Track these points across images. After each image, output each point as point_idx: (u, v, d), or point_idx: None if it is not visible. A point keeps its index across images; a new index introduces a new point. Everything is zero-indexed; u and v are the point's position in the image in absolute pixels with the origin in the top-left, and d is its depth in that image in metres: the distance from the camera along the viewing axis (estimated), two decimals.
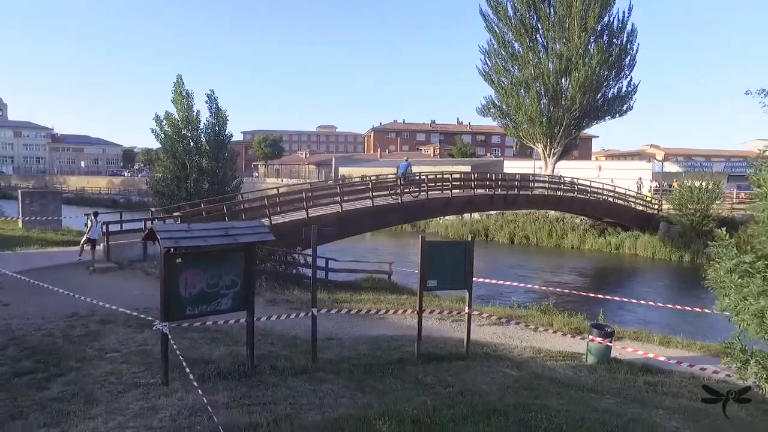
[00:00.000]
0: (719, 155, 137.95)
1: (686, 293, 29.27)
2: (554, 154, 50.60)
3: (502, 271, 33.50)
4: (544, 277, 33.56)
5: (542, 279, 32.06)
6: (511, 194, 29.00)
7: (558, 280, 31.59)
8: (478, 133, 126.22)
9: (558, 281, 31.18)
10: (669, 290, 30.56)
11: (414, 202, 24.02)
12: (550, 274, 33.64)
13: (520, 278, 31.49)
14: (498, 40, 48.71)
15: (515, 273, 32.89)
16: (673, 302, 26.45)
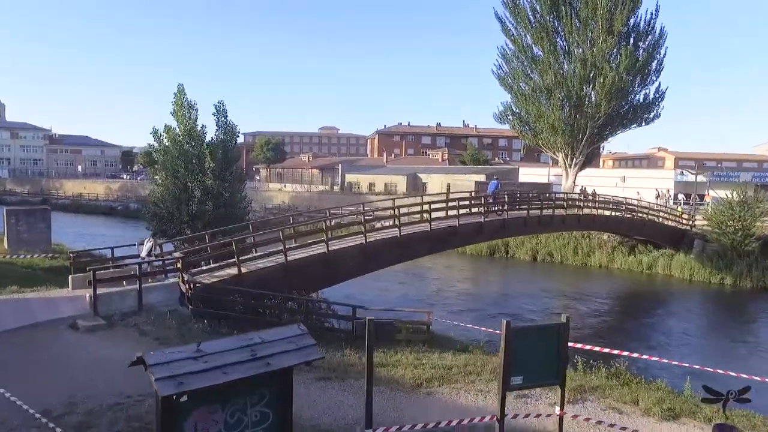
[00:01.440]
0: (731, 159, 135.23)
1: (739, 328, 26.47)
2: (576, 164, 47.86)
3: (521, 296, 30.99)
4: (568, 304, 30.78)
5: (566, 307, 29.33)
6: (545, 216, 26.35)
7: (586, 309, 29.00)
8: (484, 136, 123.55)
9: (586, 311, 28.64)
10: (719, 326, 27.58)
11: (447, 229, 21.39)
12: (575, 301, 30.91)
13: (542, 307, 29.03)
14: (516, 44, 45.95)
15: (536, 299, 30.38)
16: (729, 342, 23.72)
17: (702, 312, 29.89)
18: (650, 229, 36.35)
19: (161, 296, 14.13)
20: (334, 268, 17.77)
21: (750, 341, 23.85)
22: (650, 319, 27.38)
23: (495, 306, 27.77)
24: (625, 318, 27.63)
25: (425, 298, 27.76)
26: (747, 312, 30.11)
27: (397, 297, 26.93)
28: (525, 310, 27.81)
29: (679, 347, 21.76)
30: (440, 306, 26.65)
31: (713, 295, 33.45)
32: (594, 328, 25.00)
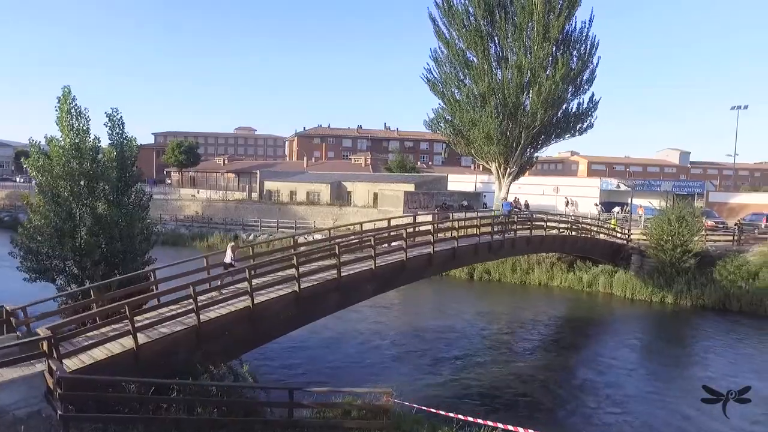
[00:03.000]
0: (638, 163, 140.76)
1: (679, 360, 24.74)
2: (510, 174, 46.05)
3: (455, 321, 28.50)
4: (503, 326, 28.79)
5: (500, 335, 27.27)
6: (496, 241, 23.72)
7: (519, 338, 26.94)
8: (406, 140, 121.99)
9: (519, 341, 26.59)
10: (659, 353, 25.97)
11: (394, 265, 18.14)
12: (511, 327, 28.86)
13: (476, 335, 26.71)
14: (449, 48, 43.54)
15: (471, 326, 28.02)
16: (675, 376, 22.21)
17: (640, 339, 28.18)
18: (592, 246, 34.76)
19: (17, 394, 9.99)
20: (261, 325, 14.10)
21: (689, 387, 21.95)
22: (584, 352, 25.51)
23: (428, 337, 25.19)
24: (558, 351, 25.45)
25: (348, 332, 24.59)
26: (686, 339, 28.79)
27: (326, 340, 23.51)
28: (458, 338, 25.56)
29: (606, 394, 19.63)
30: (371, 342, 23.63)
31: (654, 317, 32.20)
32: (522, 362, 22.79)
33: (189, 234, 54.41)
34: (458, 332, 26.57)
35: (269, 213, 55.19)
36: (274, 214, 54.67)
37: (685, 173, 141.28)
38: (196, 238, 52.84)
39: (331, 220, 51.83)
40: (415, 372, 20.27)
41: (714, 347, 26.23)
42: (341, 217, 52.17)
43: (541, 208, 56.56)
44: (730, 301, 32.64)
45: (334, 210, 53.37)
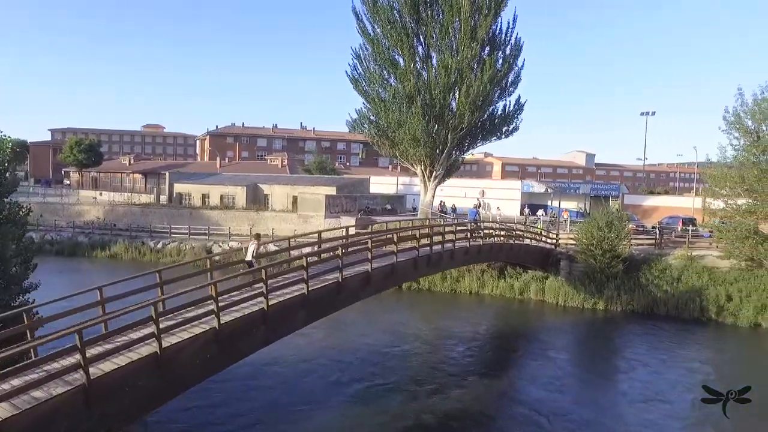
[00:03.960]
0: (548, 165, 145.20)
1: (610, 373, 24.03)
2: (436, 177, 44.72)
3: (379, 335, 26.69)
4: (433, 341, 27.18)
5: (427, 348, 25.77)
6: (435, 253, 21.84)
7: (445, 353, 25.53)
8: (323, 139, 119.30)
9: (445, 355, 25.19)
10: (591, 364, 25.31)
11: (329, 287, 15.73)
12: (440, 339, 27.44)
13: (403, 350, 25.06)
14: (374, 45, 41.55)
15: (399, 340, 26.37)
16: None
17: (573, 350, 27.55)
18: (525, 253, 33.76)
19: None
20: (172, 374, 11.35)
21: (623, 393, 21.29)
22: (516, 367, 24.47)
23: (354, 361, 23.06)
24: (489, 367, 24.16)
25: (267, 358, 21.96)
26: (617, 347, 28.30)
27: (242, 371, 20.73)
28: (386, 359, 23.66)
29: None
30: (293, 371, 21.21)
31: (586, 325, 31.59)
32: (454, 382, 21.31)
33: (88, 242, 49.25)
34: (386, 352, 24.48)
35: (179, 218, 51.02)
36: (185, 219, 50.60)
37: (590, 174, 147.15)
38: (96, 247, 47.86)
39: (248, 225, 48.58)
40: (341, 406, 18.26)
41: (642, 353, 25.99)
42: (258, 222, 49.00)
43: (465, 211, 55.84)
44: (657, 306, 32.74)
45: (251, 215, 50.08)
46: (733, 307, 31.71)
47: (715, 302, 32.02)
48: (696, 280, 33.60)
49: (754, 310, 31.36)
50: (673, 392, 21.26)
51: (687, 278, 33.85)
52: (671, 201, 56.68)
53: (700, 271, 34.21)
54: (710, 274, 33.93)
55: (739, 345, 29.76)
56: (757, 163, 32.44)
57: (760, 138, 32.61)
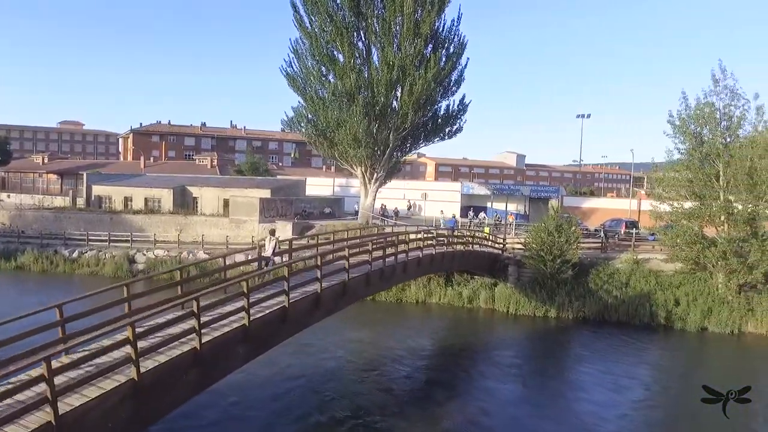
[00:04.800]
0: (480, 165, 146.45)
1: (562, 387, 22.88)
2: (377, 179, 42.73)
3: (319, 353, 24.25)
4: (378, 357, 25.12)
5: (374, 364, 23.83)
6: (389, 266, 19.69)
7: (397, 367, 23.58)
8: (254, 139, 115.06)
9: (397, 372, 23.20)
10: (543, 377, 23.99)
11: (273, 314, 13.27)
12: (385, 354, 25.36)
13: (344, 370, 23.03)
14: (312, 40, 39.05)
15: (335, 358, 24.22)
16: None
17: (523, 362, 26.05)
18: (474, 259, 32.18)
19: None
20: (150, 403, 8.82)
21: None
22: (466, 385, 22.55)
23: (285, 384, 20.53)
24: (433, 384, 22.51)
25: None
26: (569, 357, 27.38)
27: None
28: (326, 381, 21.50)
29: None
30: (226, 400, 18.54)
31: (538, 333, 30.46)
32: (391, 405, 19.48)
33: None
34: (325, 376, 22.08)
35: (98, 224, 46.54)
36: (105, 225, 46.21)
37: (521, 175, 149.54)
38: (0, 258, 42.86)
39: (175, 231, 44.97)
40: None
41: (595, 363, 25.31)
42: (187, 227, 45.48)
43: (404, 214, 54.13)
44: (608, 312, 32.06)
45: (179, 219, 46.41)
46: (681, 312, 31.50)
47: (663, 307, 31.74)
48: (644, 284, 33.21)
49: (701, 314, 31.25)
50: (626, 401, 20.82)
51: (635, 283, 33.44)
52: (609, 203, 57.12)
53: (647, 275, 33.94)
54: (657, 279, 33.69)
55: (687, 350, 29.62)
56: (701, 167, 32.22)
57: (704, 143, 32.41)
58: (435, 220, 45.87)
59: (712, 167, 32.13)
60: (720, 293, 32.11)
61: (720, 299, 31.85)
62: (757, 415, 19.17)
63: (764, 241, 30.65)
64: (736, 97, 31.94)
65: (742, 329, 31.17)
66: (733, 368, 26.64)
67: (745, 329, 31.27)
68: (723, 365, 27.22)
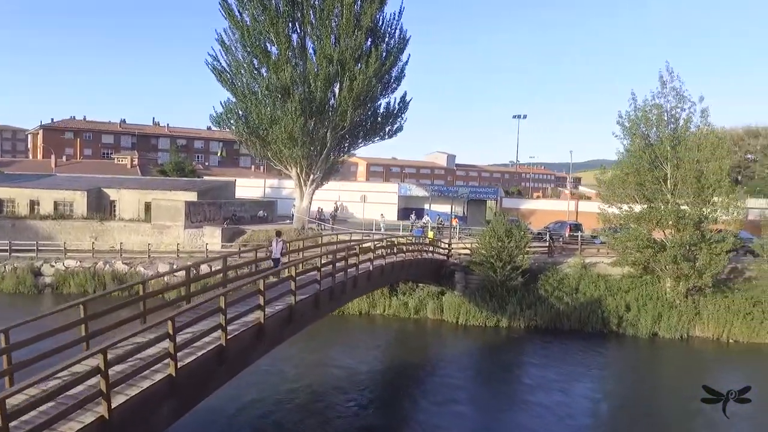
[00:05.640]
0: (412, 165, 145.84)
1: None
2: (314, 180, 40.04)
3: (250, 374, 21.43)
4: (315, 377, 22.82)
5: (307, 386, 21.48)
6: (338, 284, 17.18)
7: (332, 394, 21.26)
8: (178, 137, 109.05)
9: (334, 396, 21.01)
10: (493, 396, 22.43)
11: (207, 356, 10.49)
12: (322, 374, 23.16)
13: (276, 394, 20.52)
14: (243, 31, 35.88)
15: (267, 379, 21.52)
16: None
17: (475, 377, 24.76)
18: (422, 267, 30.08)
19: None
20: None
21: None
22: (411, 406, 20.96)
23: (218, 413, 17.99)
24: (378, 406, 20.73)
25: None
26: (520, 371, 25.85)
27: None
28: (262, 404, 19.32)
29: None
30: None
31: (489, 345, 28.83)
32: None
33: None
34: (263, 402, 19.61)
35: None
36: (6, 232, 40.98)
37: (451, 175, 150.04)
38: None
39: (90, 238, 40.58)
40: None
41: (549, 374, 24.34)
42: (103, 234, 41.18)
43: (341, 217, 51.64)
44: (560, 320, 31.00)
45: (94, 225, 41.94)
46: (632, 317, 30.87)
47: (615, 313, 30.99)
48: (594, 290, 32.34)
49: (651, 319, 30.75)
50: (580, 415, 20.40)
51: (585, 288, 32.55)
52: (548, 204, 56.71)
53: (596, 280, 33.15)
54: (606, 283, 32.95)
55: (639, 357, 29.05)
56: (651, 169, 31.54)
57: (653, 145, 31.76)
58: (375, 223, 43.66)
59: (660, 170, 31.50)
60: (668, 297, 31.64)
61: (669, 304, 31.42)
62: None
63: (712, 244, 30.31)
64: (682, 100, 31.52)
65: (690, 333, 30.97)
66: (683, 374, 26.29)
67: (693, 333, 31.06)
68: (672, 371, 26.73)
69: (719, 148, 30.74)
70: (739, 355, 29.50)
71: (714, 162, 30.21)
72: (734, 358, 29.32)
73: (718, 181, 30.09)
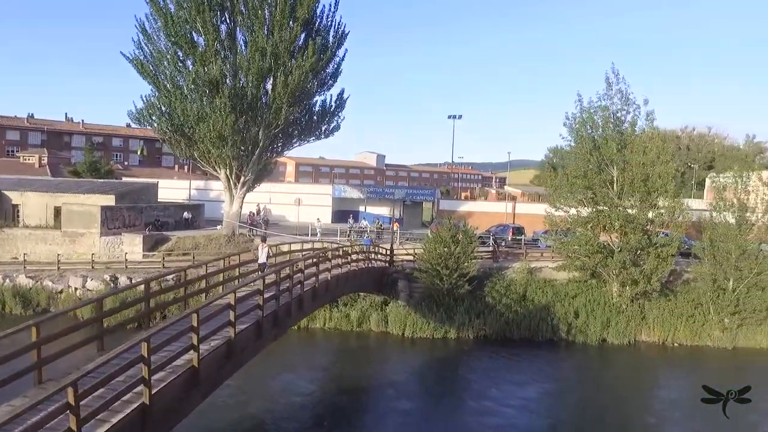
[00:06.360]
0: (341, 165, 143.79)
1: None
2: (245, 183, 37.20)
3: None
4: (248, 399, 20.60)
5: (222, 412, 18.97)
6: (283, 306, 14.82)
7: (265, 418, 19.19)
8: (94, 134, 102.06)
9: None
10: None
11: (128, 420, 8.02)
12: (254, 396, 20.99)
13: None
14: (166, 18, 32.61)
15: None
16: None
17: (423, 395, 23.16)
18: (366, 276, 27.92)
19: None
20: None
21: None
22: None
23: None
24: None
25: None
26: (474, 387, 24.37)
27: None
28: None
29: None
30: None
31: (438, 360, 27.37)
32: None
33: None
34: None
35: None
36: None
37: (381, 175, 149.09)
38: None
39: None
40: None
41: (501, 387, 23.72)
42: (4, 243, 36.61)
43: (273, 221, 48.85)
44: (510, 329, 29.89)
45: None
46: (581, 324, 30.29)
47: (564, 320, 30.30)
48: (541, 296, 31.50)
49: (600, 325, 30.25)
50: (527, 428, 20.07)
51: (532, 294, 31.68)
52: (487, 206, 55.89)
53: (543, 286, 32.37)
54: (553, 289, 32.20)
55: (589, 365, 28.51)
56: (598, 173, 30.89)
57: (599, 147, 31.09)
58: (311, 227, 41.20)
59: (607, 173, 30.87)
60: (615, 302, 31.14)
61: (616, 309, 30.97)
62: None
63: (658, 248, 29.96)
64: (628, 102, 31.03)
65: (637, 339, 30.72)
66: (630, 383, 25.87)
67: (640, 338, 30.86)
68: (621, 380, 26.13)
69: (664, 152, 30.46)
70: (684, 360, 29.44)
71: (660, 166, 29.85)
72: (679, 363, 29.22)
73: (664, 185, 29.76)
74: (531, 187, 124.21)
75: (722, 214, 31.01)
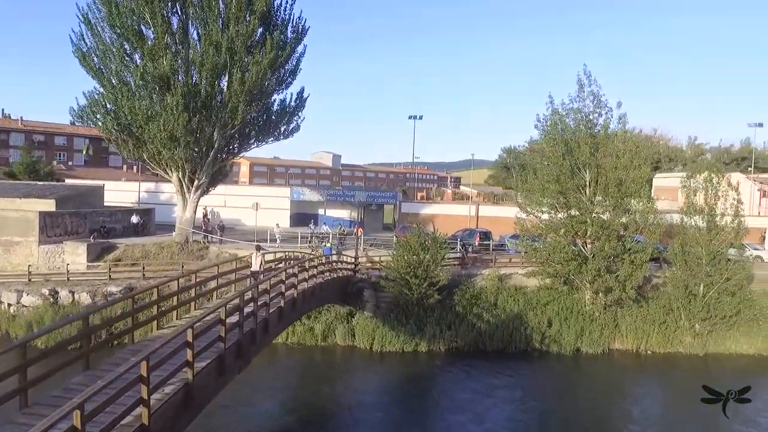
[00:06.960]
0: (297, 165, 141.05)
1: None
2: (199, 186, 34.86)
3: None
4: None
5: None
6: (247, 334, 12.84)
7: None
8: (35, 132, 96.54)
9: None
10: None
11: None
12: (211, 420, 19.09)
13: None
14: (110, 7, 29.98)
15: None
16: None
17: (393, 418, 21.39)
18: (331, 286, 26.11)
19: None
20: None
21: None
22: None
23: None
24: None
25: None
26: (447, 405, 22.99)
27: None
28: None
29: None
30: None
31: (408, 375, 25.89)
32: None
33: None
34: None
35: None
36: None
37: (337, 175, 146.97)
38: None
39: None
40: None
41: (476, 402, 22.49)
42: None
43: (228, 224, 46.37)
44: (483, 341, 28.69)
45: None
46: (555, 334, 29.39)
47: (538, 330, 29.32)
48: (513, 304, 30.41)
49: (574, 334, 29.36)
50: None
51: (504, 302, 30.54)
52: (450, 209, 54.56)
53: (514, 294, 31.34)
54: (525, 297, 31.17)
55: (563, 377, 27.48)
56: (572, 177, 29.95)
57: (572, 150, 30.18)
58: (269, 232, 39.05)
59: (580, 177, 29.97)
60: (588, 310, 30.29)
61: (589, 317, 30.13)
62: None
63: (632, 254, 29.23)
64: (600, 104, 30.21)
65: (610, 347, 30.00)
66: (604, 392, 25.27)
67: (613, 346, 30.19)
68: (594, 390, 25.38)
69: (637, 156, 29.77)
70: (656, 368, 29.06)
71: (633, 170, 29.14)
72: (653, 371, 28.76)
73: (638, 190, 29.06)
74: (486, 187, 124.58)
75: (692, 218, 30.53)
